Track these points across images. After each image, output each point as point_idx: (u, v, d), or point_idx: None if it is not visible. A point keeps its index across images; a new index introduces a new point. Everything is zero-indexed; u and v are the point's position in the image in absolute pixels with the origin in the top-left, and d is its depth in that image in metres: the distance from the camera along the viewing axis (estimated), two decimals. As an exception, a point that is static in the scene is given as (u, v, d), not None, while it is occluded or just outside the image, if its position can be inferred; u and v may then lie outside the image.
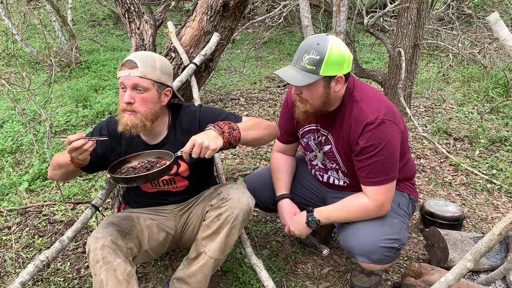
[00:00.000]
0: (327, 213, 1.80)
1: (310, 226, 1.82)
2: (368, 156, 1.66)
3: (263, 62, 6.70)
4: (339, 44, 1.59)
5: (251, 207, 1.71)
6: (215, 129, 1.52)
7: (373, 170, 1.67)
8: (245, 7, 2.37)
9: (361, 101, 1.69)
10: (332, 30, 2.91)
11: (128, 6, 2.32)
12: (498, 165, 3.29)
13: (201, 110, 1.78)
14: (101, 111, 4.33)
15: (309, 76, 1.57)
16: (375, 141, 1.63)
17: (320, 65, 1.55)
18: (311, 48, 1.56)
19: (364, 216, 1.73)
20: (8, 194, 2.88)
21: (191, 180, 1.83)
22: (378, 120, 1.62)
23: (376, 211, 1.71)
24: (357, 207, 1.73)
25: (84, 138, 1.50)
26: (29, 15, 6.22)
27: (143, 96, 1.59)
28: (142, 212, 1.83)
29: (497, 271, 1.81)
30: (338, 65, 1.58)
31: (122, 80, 1.59)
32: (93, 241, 1.57)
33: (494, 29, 1.27)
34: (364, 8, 4.32)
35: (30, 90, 3.04)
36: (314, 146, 1.92)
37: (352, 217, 1.75)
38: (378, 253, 1.70)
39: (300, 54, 1.59)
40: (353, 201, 1.75)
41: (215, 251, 1.68)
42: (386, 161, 1.65)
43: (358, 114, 1.67)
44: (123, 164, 1.66)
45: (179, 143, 1.68)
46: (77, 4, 9.60)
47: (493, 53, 5.39)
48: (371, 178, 1.69)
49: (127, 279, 1.55)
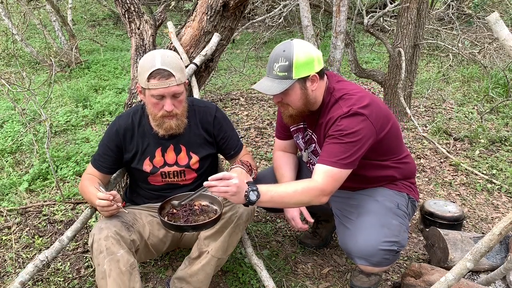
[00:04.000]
0: (268, 188, 1.59)
1: (248, 198, 1.53)
2: (331, 138, 1.65)
3: (263, 62, 6.70)
4: (304, 45, 1.64)
5: (255, 207, 1.71)
6: (244, 167, 1.76)
7: (329, 150, 1.64)
8: (245, 7, 2.37)
9: (341, 98, 1.71)
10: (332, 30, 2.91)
11: (128, 6, 2.32)
12: (498, 165, 3.29)
13: (217, 110, 1.90)
14: (101, 111, 4.33)
15: (283, 83, 1.63)
16: (343, 127, 1.63)
17: (290, 69, 1.62)
18: (279, 56, 1.63)
19: (302, 195, 1.60)
20: (8, 194, 2.87)
21: (200, 173, 1.88)
22: (351, 111, 1.64)
23: (317, 193, 1.61)
24: (300, 183, 1.64)
25: (110, 200, 1.58)
26: (29, 15, 6.22)
27: (180, 99, 1.70)
28: (143, 210, 1.84)
29: (497, 271, 1.81)
30: (308, 65, 1.63)
31: (162, 91, 1.63)
32: (97, 231, 1.59)
33: (494, 29, 1.27)
34: (364, 8, 4.32)
35: (30, 90, 3.04)
36: (302, 144, 1.95)
37: (292, 193, 1.59)
38: (377, 256, 1.70)
39: (270, 64, 1.66)
40: (297, 184, 1.65)
41: (218, 250, 1.68)
42: (346, 147, 1.62)
43: (334, 111, 1.70)
44: (163, 209, 1.70)
45: (193, 135, 1.82)
46: (77, 4, 9.59)
47: (493, 53, 5.39)
48: (324, 157, 1.64)
49: (129, 270, 1.56)
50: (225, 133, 1.90)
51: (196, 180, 1.89)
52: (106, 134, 1.83)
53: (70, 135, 3.84)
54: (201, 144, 1.86)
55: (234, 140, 1.93)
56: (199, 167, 1.86)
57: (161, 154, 1.81)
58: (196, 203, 1.72)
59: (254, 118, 4.39)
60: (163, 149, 1.81)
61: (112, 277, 1.53)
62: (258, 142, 3.80)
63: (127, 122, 1.81)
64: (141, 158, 1.81)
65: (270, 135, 3.93)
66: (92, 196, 1.65)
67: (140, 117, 1.82)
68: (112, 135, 1.80)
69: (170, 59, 1.64)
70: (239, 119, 4.37)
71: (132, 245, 1.64)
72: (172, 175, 1.84)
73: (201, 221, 1.61)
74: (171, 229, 1.64)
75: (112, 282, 1.53)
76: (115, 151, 1.80)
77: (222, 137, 1.89)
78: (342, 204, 1.90)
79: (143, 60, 1.67)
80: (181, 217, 1.65)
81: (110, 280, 1.53)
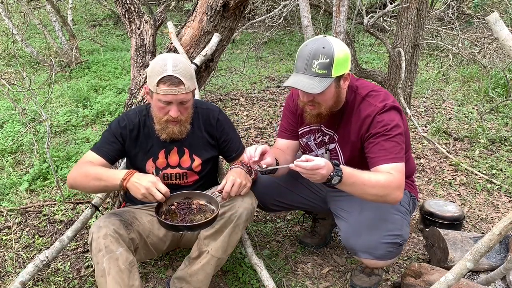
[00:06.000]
0: (353, 172, 1.56)
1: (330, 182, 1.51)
2: (378, 136, 1.64)
3: (263, 62, 6.70)
4: (339, 42, 1.61)
5: (254, 206, 1.72)
6: (244, 168, 1.74)
7: (385, 148, 1.62)
8: (245, 7, 2.37)
9: (368, 96, 1.71)
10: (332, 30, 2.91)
11: (128, 6, 2.32)
12: (498, 165, 3.29)
13: (220, 113, 1.90)
14: (101, 111, 4.33)
15: (323, 81, 1.57)
16: (385, 122, 1.64)
17: (331, 67, 1.56)
18: (319, 52, 1.55)
19: (383, 188, 1.55)
20: (8, 194, 2.88)
21: (202, 175, 1.88)
22: (387, 106, 1.66)
23: (396, 187, 1.57)
24: (381, 175, 1.57)
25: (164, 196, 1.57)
26: (29, 15, 6.22)
27: (186, 106, 1.70)
28: (143, 209, 1.84)
29: (497, 271, 1.82)
30: (345, 63, 1.60)
31: (170, 98, 1.63)
32: (96, 230, 1.59)
33: (494, 29, 1.27)
34: (364, 8, 4.32)
35: (30, 90, 3.04)
36: (314, 146, 1.92)
37: (374, 182, 1.55)
38: (380, 249, 1.70)
39: (307, 61, 1.57)
40: (378, 175, 1.58)
41: (218, 249, 1.68)
42: (397, 141, 1.63)
43: (367, 108, 1.69)
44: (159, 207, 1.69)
45: (196, 138, 1.83)
46: (77, 4, 9.59)
47: (493, 53, 5.39)
48: (383, 156, 1.61)
49: (129, 268, 1.57)
50: (227, 136, 1.90)
51: (197, 182, 1.89)
52: (113, 125, 1.81)
53: (70, 135, 3.84)
54: (204, 147, 1.86)
55: (236, 143, 1.92)
56: (201, 169, 1.87)
57: (164, 156, 1.82)
58: (194, 202, 1.73)
59: (254, 118, 4.39)
60: (167, 151, 1.82)
61: (111, 275, 1.54)
62: (258, 142, 3.80)
63: (134, 120, 1.81)
64: (144, 158, 1.82)
65: (270, 135, 3.93)
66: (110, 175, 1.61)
67: (145, 118, 1.82)
68: (120, 127, 1.79)
69: (181, 66, 1.63)
70: (239, 119, 4.37)
71: (131, 243, 1.65)
72: (174, 177, 1.85)
73: (198, 220, 1.61)
74: (166, 228, 1.64)
75: (112, 280, 1.54)
76: (122, 141, 1.79)
77: (224, 140, 1.90)
78: (343, 202, 1.89)
79: (154, 63, 1.66)
80: (178, 216, 1.66)
81: (109, 278, 1.54)
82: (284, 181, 2.03)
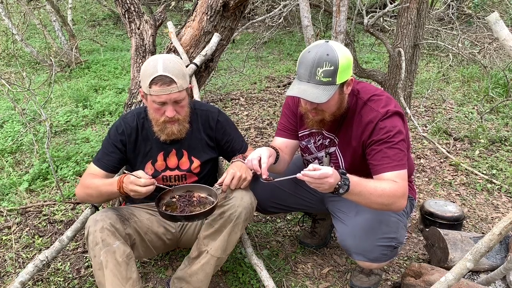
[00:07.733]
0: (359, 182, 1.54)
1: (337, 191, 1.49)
2: (381, 143, 1.63)
3: (263, 62, 6.70)
4: (341, 47, 1.58)
5: (253, 206, 1.72)
6: (243, 161, 1.72)
7: (388, 156, 1.61)
8: (245, 7, 2.37)
9: (369, 100, 1.69)
10: (332, 30, 2.91)
11: (128, 6, 2.32)
12: (498, 165, 3.29)
13: (220, 114, 1.89)
14: (101, 111, 4.33)
15: (328, 89, 1.54)
16: (387, 129, 1.63)
17: (335, 75, 1.53)
18: (323, 60, 1.52)
19: (388, 197, 1.54)
20: (8, 194, 2.87)
21: (201, 176, 1.88)
22: (389, 112, 1.64)
23: (400, 195, 1.56)
24: (386, 183, 1.57)
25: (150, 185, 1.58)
26: (29, 15, 6.22)
27: (182, 105, 1.70)
28: (142, 208, 1.85)
29: (497, 271, 1.81)
30: (348, 69, 1.58)
31: (163, 98, 1.62)
32: (92, 223, 1.60)
33: (494, 29, 1.27)
34: (364, 8, 4.32)
35: (30, 90, 3.04)
36: (314, 149, 1.91)
37: (380, 191, 1.53)
38: (375, 251, 1.70)
39: (311, 69, 1.53)
40: (384, 184, 1.56)
41: (217, 249, 1.68)
42: (400, 147, 1.62)
43: (369, 114, 1.67)
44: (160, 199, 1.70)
45: (195, 140, 1.83)
46: (77, 4, 9.59)
47: (493, 53, 5.39)
48: (387, 163, 1.60)
49: (126, 261, 1.57)
50: (229, 136, 1.90)
51: (196, 183, 1.88)
52: (111, 133, 1.81)
53: (70, 135, 3.84)
54: (203, 149, 1.86)
55: (239, 142, 1.92)
56: (200, 171, 1.87)
57: (163, 159, 1.82)
58: (195, 195, 1.74)
59: (254, 118, 4.39)
60: (165, 153, 1.82)
61: (109, 268, 1.54)
62: (258, 142, 3.80)
63: (132, 124, 1.81)
64: (143, 161, 1.82)
65: (270, 135, 3.93)
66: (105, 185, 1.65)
67: (143, 120, 1.82)
68: (119, 134, 1.79)
69: (172, 65, 1.63)
70: (239, 119, 4.37)
71: (128, 238, 1.65)
72: (173, 179, 1.85)
73: (196, 212, 1.62)
74: (165, 217, 1.65)
75: (109, 273, 1.54)
76: (122, 149, 1.80)
77: (227, 141, 1.90)
78: (340, 203, 1.89)
79: (145, 65, 1.66)
80: (179, 207, 1.66)
81: (107, 271, 1.55)
82: (281, 183, 2.01)
